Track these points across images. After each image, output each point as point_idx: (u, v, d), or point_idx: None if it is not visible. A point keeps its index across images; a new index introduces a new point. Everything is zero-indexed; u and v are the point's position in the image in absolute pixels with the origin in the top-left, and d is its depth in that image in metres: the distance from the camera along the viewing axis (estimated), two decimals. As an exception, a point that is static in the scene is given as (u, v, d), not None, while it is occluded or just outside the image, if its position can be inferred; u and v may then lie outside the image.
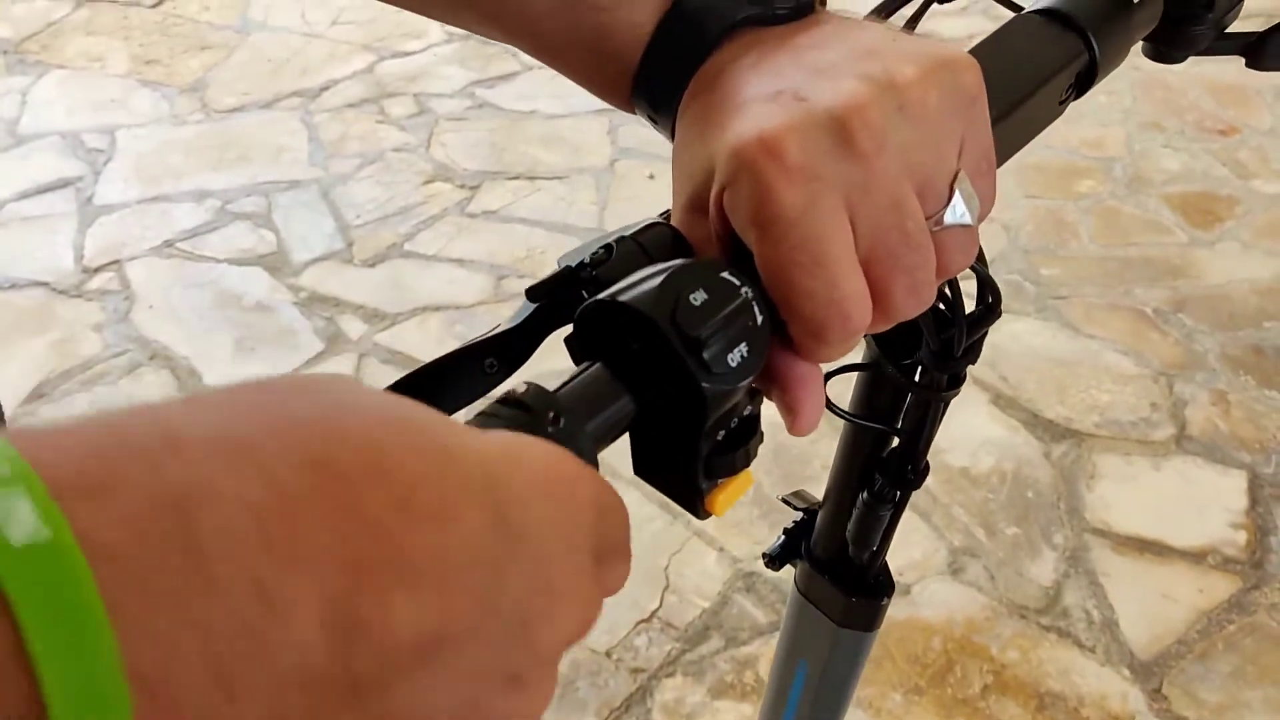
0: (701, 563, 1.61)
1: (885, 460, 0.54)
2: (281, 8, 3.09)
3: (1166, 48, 0.47)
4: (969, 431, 1.82)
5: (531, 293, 0.34)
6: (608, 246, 0.33)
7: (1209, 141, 2.57)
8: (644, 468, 0.34)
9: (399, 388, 0.33)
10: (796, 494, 0.63)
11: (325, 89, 2.75)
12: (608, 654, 1.50)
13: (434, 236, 2.27)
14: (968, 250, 0.35)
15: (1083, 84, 0.43)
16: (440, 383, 0.34)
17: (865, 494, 0.54)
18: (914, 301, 0.33)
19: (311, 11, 3.06)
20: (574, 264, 0.34)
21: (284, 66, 2.83)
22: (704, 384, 0.29)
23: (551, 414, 0.28)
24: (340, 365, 1.95)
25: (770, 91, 0.33)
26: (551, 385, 0.30)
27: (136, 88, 2.75)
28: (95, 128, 2.59)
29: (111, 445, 0.17)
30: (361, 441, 0.20)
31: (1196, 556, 1.63)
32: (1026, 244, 2.25)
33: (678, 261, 0.31)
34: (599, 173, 2.43)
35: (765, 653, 1.49)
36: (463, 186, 2.42)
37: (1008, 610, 1.56)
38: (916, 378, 0.49)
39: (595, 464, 0.29)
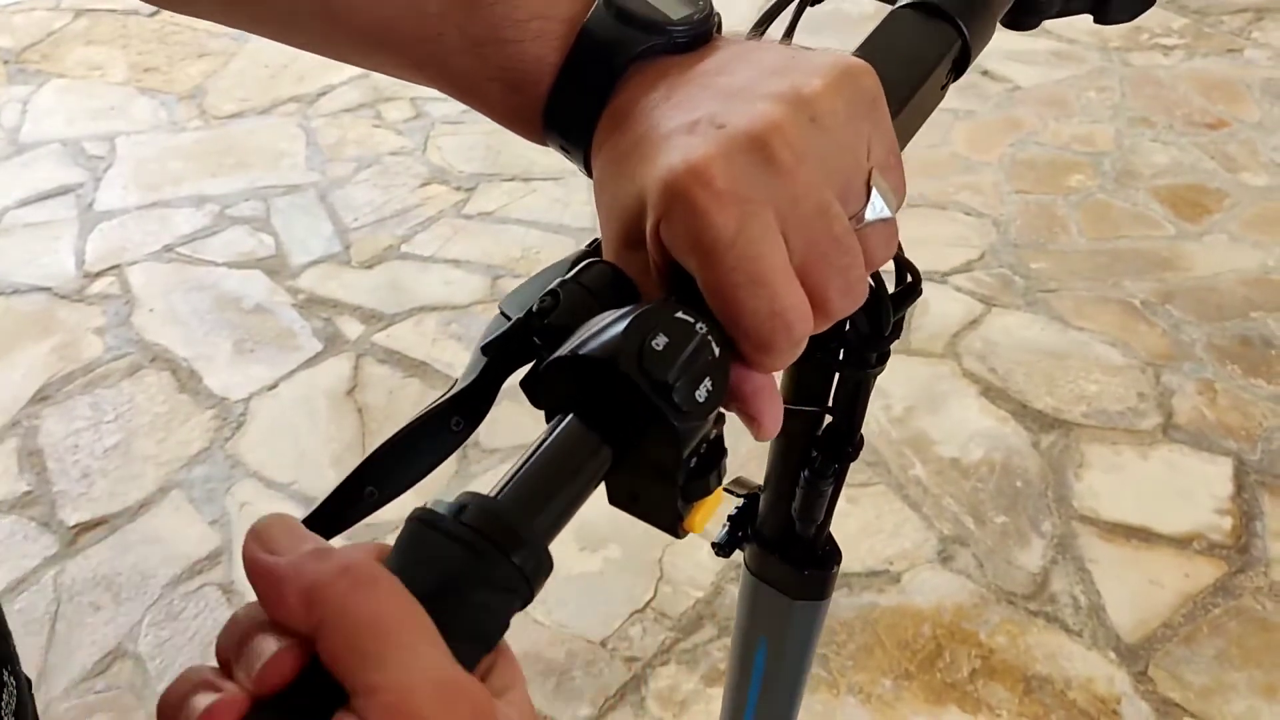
0: (695, 554, 1.63)
1: (821, 439, 0.56)
2: (279, 15, 3.12)
3: (1023, 16, 0.50)
4: (959, 423, 1.85)
5: (487, 348, 0.36)
6: (553, 293, 0.34)
7: (1197, 135, 2.59)
8: (619, 499, 0.35)
9: (375, 458, 0.35)
10: (736, 481, 0.64)
11: (323, 94, 2.78)
12: (603, 644, 1.52)
13: (430, 238, 2.30)
14: (890, 242, 0.37)
15: (959, 67, 0.46)
16: (414, 448, 0.36)
17: (806, 473, 0.56)
18: (850, 300, 0.35)
19: (308, 18, 3.09)
20: (522, 314, 0.35)
21: (281, 73, 2.86)
22: (676, 423, 0.31)
23: (502, 539, 0.29)
24: (339, 365, 1.97)
25: (688, 122, 0.35)
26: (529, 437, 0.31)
27: (136, 95, 2.78)
28: (95, 135, 2.63)
29: None
30: None
31: (1182, 542, 1.65)
32: (1016, 238, 2.27)
33: (634, 308, 0.32)
34: (593, 173, 2.46)
35: (757, 641, 1.51)
36: (459, 189, 2.44)
37: (996, 597, 1.58)
38: (841, 357, 0.51)
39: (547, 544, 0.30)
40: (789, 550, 0.62)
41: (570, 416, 0.32)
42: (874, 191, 0.35)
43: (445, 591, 0.27)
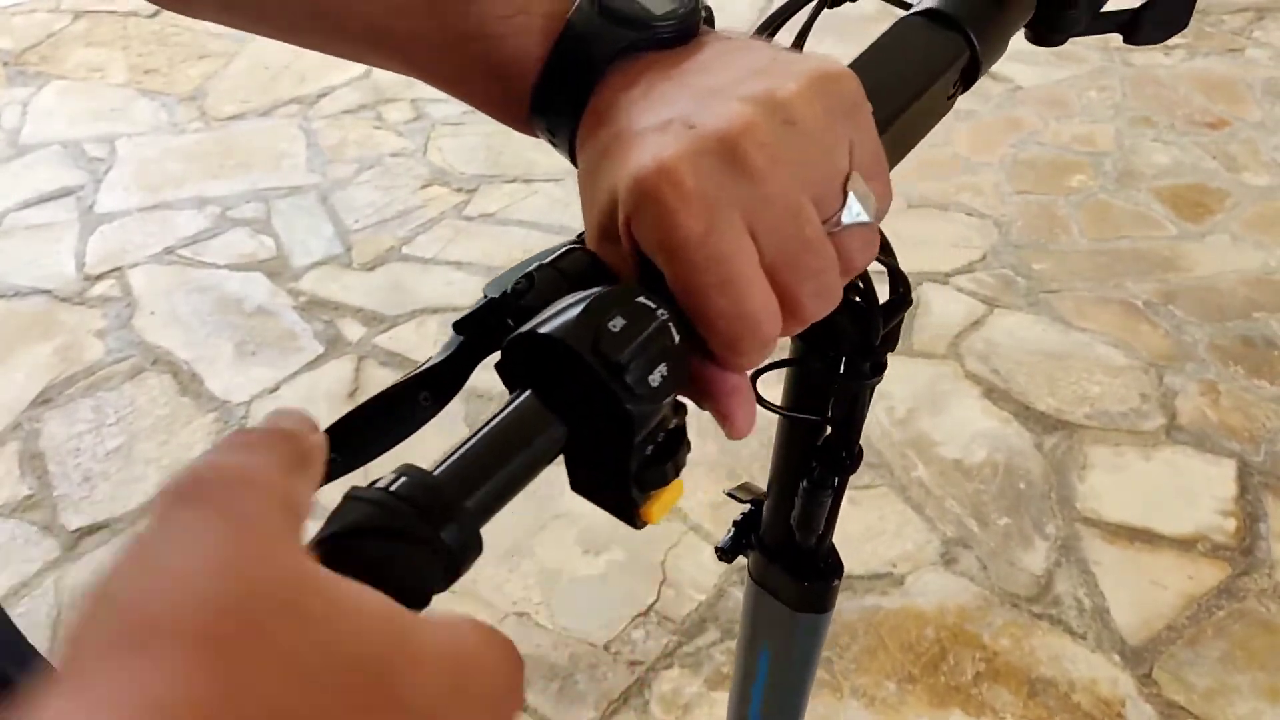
0: (697, 557, 1.63)
1: (821, 449, 0.55)
2: (279, 16, 3.12)
3: (1047, 32, 0.49)
4: (962, 424, 1.84)
5: (459, 326, 0.36)
6: (529, 276, 0.35)
7: (1199, 135, 2.59)
8: (580, 485, 0.35)
9: (340, 426, 0.35)
10: (742, 487, 0.63)
11: (323, 95, 2.77)
12: (606, 647, 1.52)
13: (431, 240, 2.29)
14: (869, 247, 0.36)
15: (968, 78, 0.45)
16: (379, 419, 0.35)
17: (805, 482, 0.55)
18: (821, 303, 0.35)
19: (308, 19, 3.09)
20: (497, 295, 0.35)
21: (282, 74, 2.86)
22: (628, 405, 0.31)
23: (433, 512, 0.28)
24: (340, 367, 1.97)
25: (661, 121, 0.35)
26: (488, 412, 0.31)
27: (136, 97, 2.78)
28: (96, 137, 2.62)
29: None
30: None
31: (1186, 544, 1.65)
32: (1018, 239, 2.27)
33: (595, 290, 0.32)
34: (594, 174, 2.45)
35: (761, 644, 1.51)
36: (460, 190, 2.44)
37: (1000, 599, 1.58)
38: (842, 369, 0.50)
39: (477, 533, 0.29)
40: (790, 560, 0.61)
41: (527, 393, 0.32)
42: (850, 196, 0.35)
43: (363, 568, 0.26)
